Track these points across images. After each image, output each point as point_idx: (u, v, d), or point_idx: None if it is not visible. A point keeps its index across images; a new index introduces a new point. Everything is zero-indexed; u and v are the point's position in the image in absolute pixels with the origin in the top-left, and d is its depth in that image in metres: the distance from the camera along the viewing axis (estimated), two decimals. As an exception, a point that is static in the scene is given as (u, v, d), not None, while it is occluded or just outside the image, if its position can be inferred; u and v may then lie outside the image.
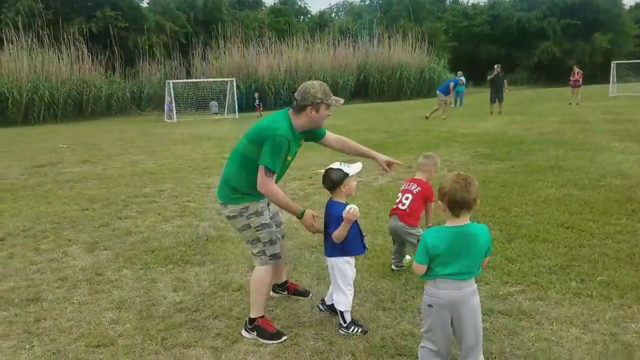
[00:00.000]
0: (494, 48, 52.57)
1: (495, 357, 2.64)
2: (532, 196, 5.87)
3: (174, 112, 23.00)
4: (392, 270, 3.92)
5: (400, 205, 3.83)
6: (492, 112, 16.75)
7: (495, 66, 18.48)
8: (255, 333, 2.98)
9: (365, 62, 37.65)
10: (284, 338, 2.95)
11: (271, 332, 2.96)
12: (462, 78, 22.56)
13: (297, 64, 34.59)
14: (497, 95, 17.41)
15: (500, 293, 3.39)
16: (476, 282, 3.56)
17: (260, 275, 3.02)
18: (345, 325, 2.99)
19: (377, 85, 37.29)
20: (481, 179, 7.00)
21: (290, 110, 2.99)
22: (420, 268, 2.28)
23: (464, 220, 2.23)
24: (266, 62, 32.88)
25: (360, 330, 2.98)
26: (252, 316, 3.02)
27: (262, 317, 3.03)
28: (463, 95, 24.22)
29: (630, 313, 2.99)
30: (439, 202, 2.22)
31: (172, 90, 23.00)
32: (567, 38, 51.83)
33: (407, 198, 3.82)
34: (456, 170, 7.64)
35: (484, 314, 3.07)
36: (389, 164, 3.36)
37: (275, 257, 3.03)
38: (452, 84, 17.91)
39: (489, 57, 47.79)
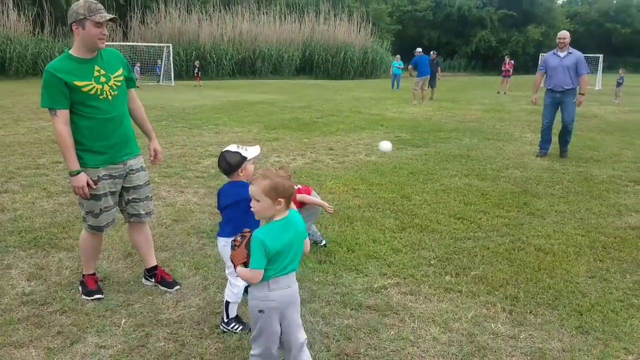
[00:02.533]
0: (435, 34, 53.60)
1: (347, 358, 2.53)
2: (434, 185, 5.89)
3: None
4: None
5: None
6: (423, 98, 16.95)
7: (431, 53, 18.73)
8: (80, 288, 3.17)
9: (311, 38, 37.78)
10: (96, 296, 3.08)
11: (88, 289, 3.13)
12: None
13: (241, 35, 33.95)
14: (430, 81, 17.65)
15: (375, 286, 3.29)
16: (356, 272, 3.53)
17: (83, 238, 3.17)
18: (226, 320, 2.78)
19: (322, 63, 37.72)
20: (393, 165, 7.00)
21: None
22: (259, 274, 2.04)
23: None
24: (209, 30, 31.97)
25: (241, 328, 2.76)
26: (83, 272, 3.22)
27: (92, 275, 3.20)
28: (400, 79, 24.45)
29: (493, 312, 2.98)
30: (280, 200, 2.02)
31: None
32: (503, 28, 53.74)
33: None
34: (373, 155, 7.71)
35: (352, 310, 2.99)
36: (156, 154, 3.28)
37: (94, 228, 3.05)
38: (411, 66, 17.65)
39: (430, 42, 48.76)
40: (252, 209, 2.07)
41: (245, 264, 2.08)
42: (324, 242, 3.99)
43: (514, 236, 4.20)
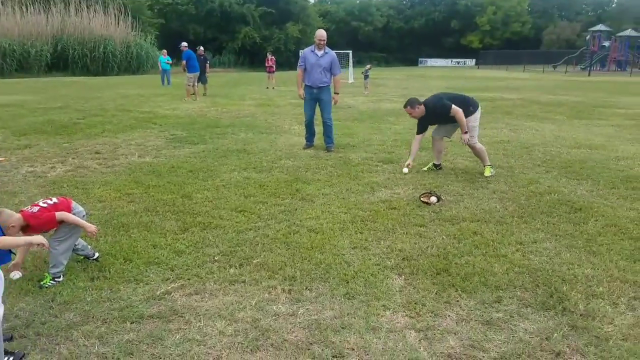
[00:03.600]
0: (200, 29, 53.53)
1: (132, 375, 2.39)
2: (215, 181, 5.93)
3: None
4: (41, 286, 3.28)
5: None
6: (196, 94, 16.79)
7: (198, 48, 18.65)
8: None
9: (62, 31, 34.48)
10: None
11: None
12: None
13: None
14: (200, 77, 17.56)
15: (158, 293, 3.17)
16: (136, 283, 3.34)
17: None
18: None
19: (79, 58, 34.85)
20: (171, 164, 6.81)
21: None
22: None
23: None
24: None
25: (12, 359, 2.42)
26: None
27: None
28: (170, 74, 23.74)
29: (274, 294, 3.17)
30: None
31: None
32: (265, 25, 56.97)
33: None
34: (147, 156, 7.34)
35: (132, 323, 2.82)
36: None
37: None
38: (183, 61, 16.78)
39: (196, 37, 48.48)
40: None
41: None
42: (96, 255, 3.65)
43: (290, 221, 4.52)
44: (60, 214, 3.15)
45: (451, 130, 6.52)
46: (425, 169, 6.58)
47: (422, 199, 5.20)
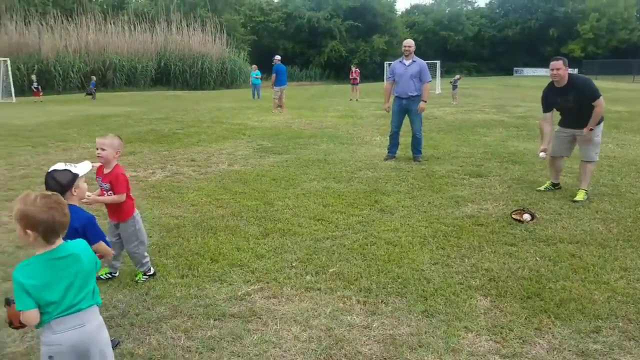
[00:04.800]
0: (289, 44, 55.56)
1: (212, 370, 2.52)
2: (296, 189, 6.09)
3: None
4: (136, 281, 3.56)
5: None
6: (282, 107, 17.36)
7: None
8: None
9: (165, 49, 37.56)
10: None
11: None
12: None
13: (88, 46, 32.68)
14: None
15: (239, 294, 3.32)
16: (220, 282, 3.51)
17: None
18: None
19: (180, 74, 37.70)
20: (256, 173, 7.09)
21: None
22: (32, 315, 1.85)
23: (58, 241, 1.92)
24: (51, 42, 30.35)
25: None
26: None
27: None
28: (260, 88, 24.73)
29: (349, 305, 3.17)
30: (28, 231, 1.82)
31: None
32: (351, 39, 57.78)
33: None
34: (236, 164, 7.71)
35: (215, 320, 2.98)
36: None
37: None
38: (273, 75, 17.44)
39: (285, 52, 50.39)
40: None
41: None
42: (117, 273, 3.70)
43: (367, 232, 4.51)
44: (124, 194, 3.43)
45: (570, 148, 5.95)
46: (542, 188, 6.06)
47: (513, 216, 4.89)
